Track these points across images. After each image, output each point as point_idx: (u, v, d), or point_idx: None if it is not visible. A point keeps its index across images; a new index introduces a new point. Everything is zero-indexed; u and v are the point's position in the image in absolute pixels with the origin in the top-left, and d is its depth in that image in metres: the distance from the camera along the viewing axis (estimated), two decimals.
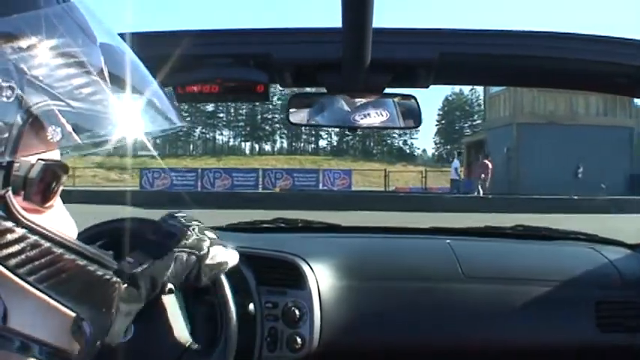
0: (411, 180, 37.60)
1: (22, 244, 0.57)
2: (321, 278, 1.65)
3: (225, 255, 1.16)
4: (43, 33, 0.58)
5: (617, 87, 1.43)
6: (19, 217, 0.57)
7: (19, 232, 0.57)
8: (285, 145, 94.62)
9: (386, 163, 58.17)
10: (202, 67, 1.29)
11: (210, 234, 1.16)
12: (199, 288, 1.23)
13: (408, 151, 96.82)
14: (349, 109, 1.43)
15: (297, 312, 1.60)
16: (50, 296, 0.61)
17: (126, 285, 0.89)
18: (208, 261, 1.11)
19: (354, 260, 1.74)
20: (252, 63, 1.29)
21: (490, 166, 20.64)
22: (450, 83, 1.59)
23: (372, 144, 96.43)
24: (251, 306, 1.55)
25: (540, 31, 1.31)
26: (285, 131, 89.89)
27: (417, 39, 1.31)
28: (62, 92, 0.58)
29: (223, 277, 1.37)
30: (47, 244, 0.60)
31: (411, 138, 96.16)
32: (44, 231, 0.60)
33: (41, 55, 0.57)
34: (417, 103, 1.46)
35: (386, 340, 1.65)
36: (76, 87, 0.60)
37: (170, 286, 1.08)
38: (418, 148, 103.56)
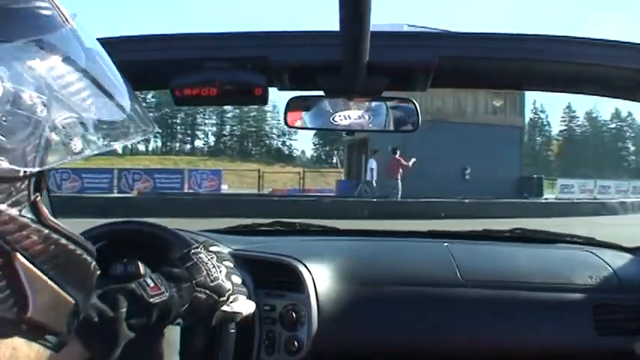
0: (289, 181, 37.51)
1: (47, 243, 0.64)
2: (319, 281, 1.64)
3: (242, 305, 1.16)
4: (60, 53, 0.66)
5: (618, 90, 1.43)
6: (45, 218, 0.65)
7: (45, 232, 0.64)
8: (159, 144, 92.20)
9: (264, 164, 58.21)
10: (200, 70, 1.29)
11: (236, 279, 1.16)
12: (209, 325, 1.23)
13: (286, 152, 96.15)
14: (347, 113, 1.43)
15: (295, 315, 1.59)
16: (62, 287, 0.67)
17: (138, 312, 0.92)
18: (224, 307, 1.11)
19: (352, 263, 1.74)
20: (250, 66, 1.29)
21: (404, 162, 18.28)
22: (448, 86, 1.59)
23: (250, 144, 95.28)
24: None
25: (539, 35, 1.31)
26: (160, 130, 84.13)
27: (415, 42, 1.31)
28: (76, 105, 0.66)
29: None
30: (64, 242, 0.67)
31: (290, 139, 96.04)
32: (63, 230, 0.67)
33: (61, 72, 0.65)
34: (416, 106, 1.46)
35: (384, 344, 1.65)
36: (83, 99, 0.68)
37: (179, 320, 1.08)
38: (297, 150, 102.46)
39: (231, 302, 1.12)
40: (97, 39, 0.83)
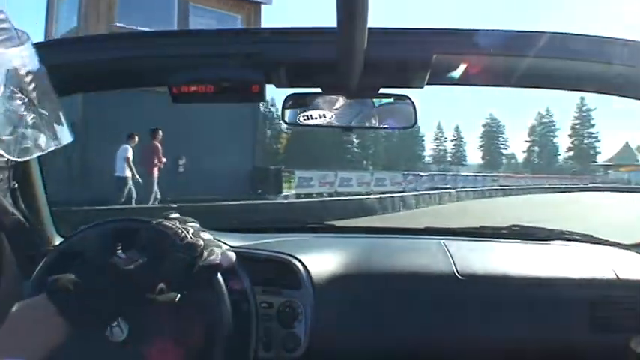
0: None
1: None
2: (316, 278, 1.65)
3: (219, 257, 1.17)
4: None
5: (614, 88, 1.44)
6: None
7: None
8: None
9: None
10: (197, 67, 1.29)
11: (206, 235, 1.17)
12: (194, 288, 1.23)
13: None
14: (344, 110, 1.43)
15: (292, 312, 1.60)
16: None
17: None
18: (202, 262, 1.12)
19: (349, 260, 1.74)
20: (248, 63, 1.29)
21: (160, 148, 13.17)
22: (445, 83, 1.59)
23: None
24: (246, 305, 1.54)
25: (535, 31, 1.31)
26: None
27: (412, 39, 1.31)
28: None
29: (219, 276, 1.37)
30: None
31: None
32: None
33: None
34: (413, 103, 1.46)
35: (381, 341, 1.65)
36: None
37: (161, 285, 1.08)
38: None
39: (207, 256, 1.13)
40: (95, 36, 0.93)
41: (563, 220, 13.90)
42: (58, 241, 1.64)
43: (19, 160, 0.88)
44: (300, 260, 1.67)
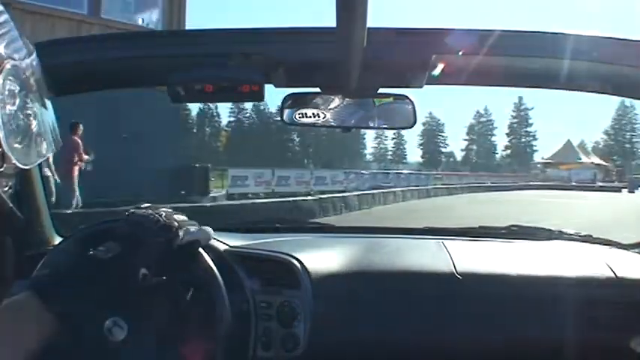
0: None
1: None
2: (315, 278, 1.65)
3: (196, 234, 1.18)
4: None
5: (618, 88, 1.44)
6: None
7: None
8: None
9: None
10: (196, 67, 1.29)
11: (179, 216, 1.18)
12: (192, 287, 1.23)
13: None
14: (344, 110, 1.43)
15: (291, 312, 1.60)
16: None
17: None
18: (179, 242, 1.13)
19: (348, 260, 1.74)
20: (247, 63, 1.29)
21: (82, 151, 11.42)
22: (445, 83, 1.59)
23: None
24: (245, 305, 1.54)
25: (535, 31, 1.31)
26: None
27: (412, 39, 1.31)
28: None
29: (218, 276, 1.37)
30: None
31: None
32: None
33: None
34: (412, 103, 1.46)
35: (380, 340, 1.65)
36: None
37: (143, 271, 1.09)
38: None
39: (184, 236, 1.14)
40: (93, 36, 0.93)
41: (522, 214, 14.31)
42: (57, 241, 1.64)
43: (28, 167, 0.91)
44: (299, 260, 1.67)
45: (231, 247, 1.67)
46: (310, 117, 1.46)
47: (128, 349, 1.01)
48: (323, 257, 1.73)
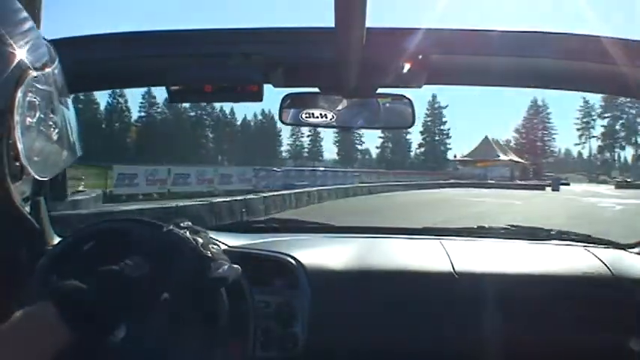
0: None
1: None
2: (314, 278, 1.64)
3: (226, 270, 1.16)
4: None
5: (615, 88, 1.44)
6: None
7: None
8: None
9: None
10: (196, 67, 1.29)
11: (214, 247, 1.16)
12: (198, 300, 1.23)
13: None
14: (342, 110, 1.43)
15: (289, 311, 1.59)
16: None
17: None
18: (210, 275, 1.11)
19: (347, 260, 1.74)
20: (246, 63, 1.29)
21: None
22: (444, 83, 1.59)
23: None
24: (243, 305, 1.54)
25: (534, 31, 1.31)
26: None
27: (410, 39, 1.31)
28: None
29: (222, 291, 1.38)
30: None
31: None
32: None
33: None
34: (411, 103, 1.46)
35: (378, 340, 1.65)
36: None
37: (165, 295, 1.08)
38: None
39: (215, 269, 1.13)
40: (93, 36, 0.90)
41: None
42: (56, 241, 1.63)
43: (46, 178, 0.89)
44: (297, 260, 1.67)
45: (229, 246, 1.66)
46: (309, 117, 1.46)
47: (128, 347, 1.00)
48: (321, 257, 1.73)
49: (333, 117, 1.43)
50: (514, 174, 56.51)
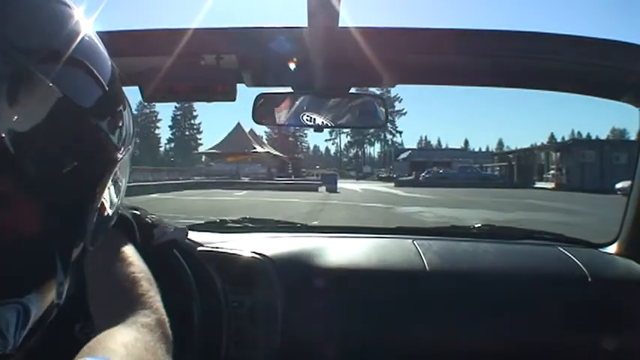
0: None
1: None
2: (287, 277, 1.64)
3: (172, 232, 1.16)
4: None
5: (606, 90, 1.45)
6: None
7: None
8: None
9: None
10: (169, 67, 1.28)
11: (153, 216, 1.15)
12: (164, 286, 1.21)
13: None
14: (315, 109, 1.43)
15: (263, 311, 1.59)
16: None
17: None
18: (155, 242, 1.10)
19: (320, 259, 1.74)
20: (218, 62, 1.29)
21: None
22: (417, 82, 1.60)
23: None
24: (216, 305, 1.54)
25: (506, 30, 1.32)
26: None
27: (383, 38, 1.31)
28: None
29: (190, 275, 1.37)
30: None
31: None
32: None
33: None
34: (384, 102, 1.47)
35: (351, 339, 1.65)
36: None
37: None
38: None
39: (159, 235, 1.12)
40: None
41: None
42: None
43: None
44: (271, 259, 1.66)
45: (202, 245, 1.66)
46: (283, 116, 1.46)
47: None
48: (295, 256, 1.73)
49: (306, 116, 1.44)
50: (271, 170, 48.64)
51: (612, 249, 1.90)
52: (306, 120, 1.44)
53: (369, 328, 1.65)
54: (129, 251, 0.86)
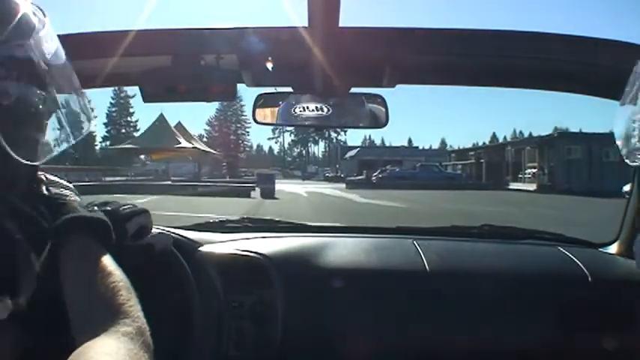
0: None
1: None
2: (287, 277, 1.64)
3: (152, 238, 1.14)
4: None
5: (607, 90, 1.45)
6: None
7: None
8: None
9: None
10: (169, 67, 1.28)
11: (127, 206, 1.12)
12: (165, 286, 1.21)
13: None
14: (315, 109, 1.43)
15: (263, 311, 1.59)
16: None
17: None
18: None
19: (320, 259, 1.74)
20: (219, 62, 1.29)
21: None
22: (417, 83, 1.60)
23: None
24: (217, 305, 1.54)
25: (506, 30, 1.32)
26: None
27: (383, 38, 1.31)
28: None
29: (189, 275, 1.37)
30: None
31: None
32: None
33: None
34: (384, 102, 1.46)
35: (352, 339, 1.65)
36: None
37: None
38: None
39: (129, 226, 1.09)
40: (68, 35, 0.85)
41: None
42: None
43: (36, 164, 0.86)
44: (271, 259, 1.66)
45: (202, 245, 1.66)
46: (283, 116, 1.46)
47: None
48: (295, 256, 1.73)
49: (306, 116, 1.44)
50: (201, 169, 42.53)
51: (612, 249, 1.90)
52: (307, 120, 1.44)
53: (369, 327, 1.65)
54: (106, 260, 0.85)
